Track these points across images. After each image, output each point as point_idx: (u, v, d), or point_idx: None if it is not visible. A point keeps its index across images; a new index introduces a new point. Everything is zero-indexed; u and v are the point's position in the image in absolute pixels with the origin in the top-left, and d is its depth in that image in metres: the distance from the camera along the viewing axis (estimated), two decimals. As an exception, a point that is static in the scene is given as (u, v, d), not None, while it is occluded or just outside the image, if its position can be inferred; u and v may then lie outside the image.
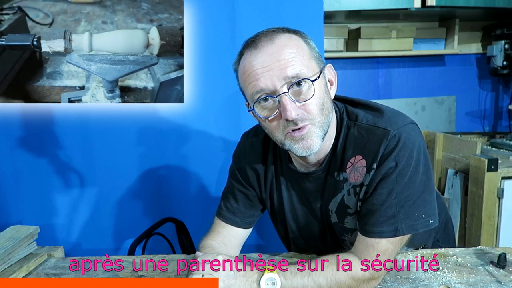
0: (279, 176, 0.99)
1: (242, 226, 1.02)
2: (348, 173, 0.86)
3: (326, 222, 0.96)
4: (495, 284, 0.87)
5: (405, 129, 0.82)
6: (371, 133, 0.84)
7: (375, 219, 0.82)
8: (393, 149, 0.80)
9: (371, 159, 0.83)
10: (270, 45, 0.79)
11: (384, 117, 0.84)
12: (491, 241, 1.86)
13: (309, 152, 0.82)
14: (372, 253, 0.83)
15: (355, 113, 0.89)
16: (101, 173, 1.67)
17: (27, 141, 1.62)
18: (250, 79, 0.80)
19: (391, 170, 0.81)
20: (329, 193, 0.91)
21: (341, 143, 0.88)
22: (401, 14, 2.34)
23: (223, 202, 1.04)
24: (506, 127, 2.73)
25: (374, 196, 0.83)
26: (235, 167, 1.04)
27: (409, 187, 0.81)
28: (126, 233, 1.68)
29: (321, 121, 0.81)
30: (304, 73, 0.78)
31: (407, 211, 0.81)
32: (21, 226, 1.12)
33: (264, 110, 0.82)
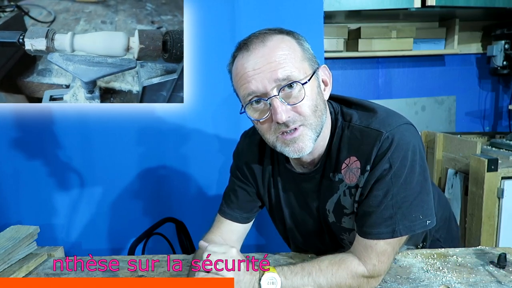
0: (276, 176, 0.99)
1: (241, 221, 1.03)
2: (343, 174, 0.86)
3: (323, 222, 0.96)
4: (495, 284, 0.87)
5: (398, 130, 0.81)
6: (365, 134, 0.83)
7: (372, 221, 0.82)
8: (386, 151, 0.80)
9: (365, 161, 0.82)
10: (261, 47, 0.79)
11: (378, 118, 0.84)
12: (491, 241, 1.86)
13: (300, 155, 0.82)
14: (371, 254, 0.83)
15: (349, 114, 0.89)
16: (101, 173, 1.67)
17: (27, 141, 1.62)
18: (242, 81, 0.81)
19: (385, 172, 0.80)
20: (325, 194, 0.92)
21: (336, 144, 0.88)
22: (401, 14, 2.34)
23: (224, 199, 1.06)
24: (506, 127, 2.73)
25: (370, 198, 0.83)
26: (235, 165, 1.06)
27: (405, 188, 0.81)
28: (126, 233, 1.68)
29: (314, 123, 0.81)
30: (295, 75, 0.78)
31: (404, 212, 0.81)
32: (21, 226, 1.12)
33: (256, 112, 0.82)
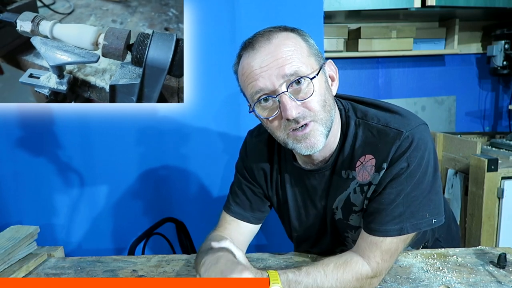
0: (283, 174, 0.99)
1: (253, 221, 1.02)
2: (357, 172, 0.86)
3: (330, 219, 0.96)
4: (495, 284, 0.87)
5: (418, 129, 0.82)
6: (383, 133, 0.83)
7: (382, 218, 0.83)
8: (406, 150, 0.80)
9: (382, 159, 0.83)
10: (267, 44, 0.79)
11: (397, 118, 0.84)
12: (491, 241, 1.86)
13: (313, 151, 0.82)
14: (376, 251, 0.83)
15: (363, 111, 0.88)
16: (101, 173, 1.67)
17: (27, 141, 1.62)
18: (249, 80, 0.80)
19: (402, 171, 0.81)
20: (334, 191, 0.91)
21: (349, 141, 0.87)
22: (401, 14, 2.34)
23: (232, 197, 1.03)
24: (506, 127, 2.73)
25: (383, 196, 0.83)
26: (242, 165, 1.04)
27: (417, 187, 0.82)
28: (126, 233, 1.68)
29: (324, 118, 0.81)
30: (302, 70, 0.78)
31: (413, 210, 0.82)
32: (21, 226, 1.12)
33: (265, 110, 0.82)
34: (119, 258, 1.07)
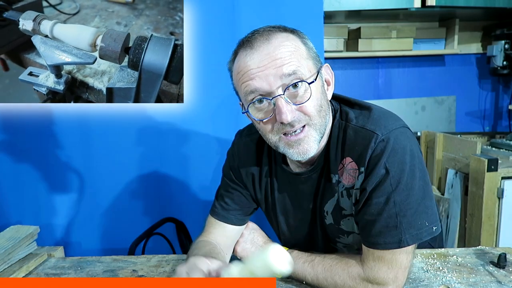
0: (273, 177, 0.97)
1: (236, 223, 1.01)
2: (340, 175, 0.85)
3: (319, 224, 0.94)
4: (495, 284, 0.87)
5: (393, 133, 0.78)
6: (360, 134, 0.81)
7: (377, 230, 0.79)
8: (381, 154, 0.77)
9: (359, 162, 0.80)
10: (266, 45, 0.77)
11: (373, 119, 0.81)
12: (491, 241, 1.86)
13: (305, 157, 0.81)
14: (383, 267, 0.80)
15: (346, 112, 0.87)
16: (101, 173, 1.67)
17: (27, 141, 1.62)
18: (244, 79, 0.78)
19: (383, 178, 0.78)
20: (323, 195, 0.90)
21: (333, 144, 0.86)
22: (401, 14, 2.34)
23: (217, 201, 1.03)
24: (506, 127, 2.73)
25: (371, 206, 0.79)
26: (229, 165, 1.03)
27: (408, 194, 0.77)
28: (126, 233, 1.68)
29: (318, 123, 0.80)
30: (301, 71, 0.77)
31: (410, 220, 0.78)
32: (21, 226, 1.12)
33: (259, 112, 0.80)
34: (119, 258, 1.07)
